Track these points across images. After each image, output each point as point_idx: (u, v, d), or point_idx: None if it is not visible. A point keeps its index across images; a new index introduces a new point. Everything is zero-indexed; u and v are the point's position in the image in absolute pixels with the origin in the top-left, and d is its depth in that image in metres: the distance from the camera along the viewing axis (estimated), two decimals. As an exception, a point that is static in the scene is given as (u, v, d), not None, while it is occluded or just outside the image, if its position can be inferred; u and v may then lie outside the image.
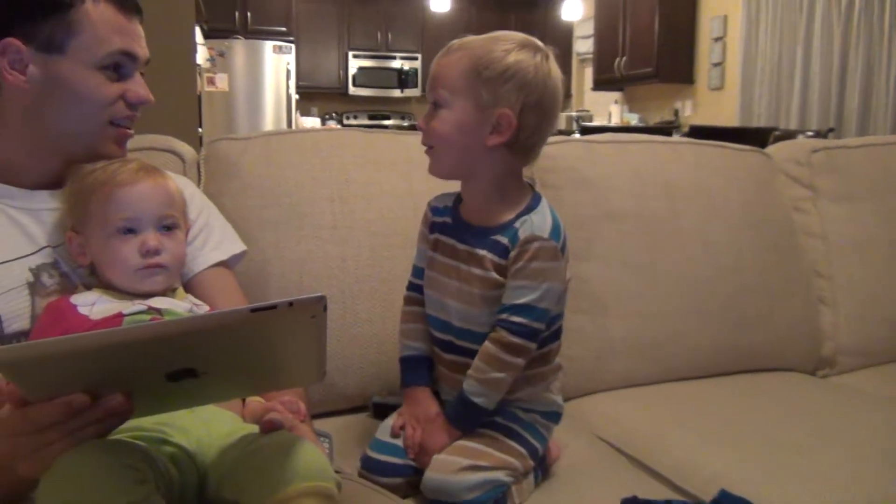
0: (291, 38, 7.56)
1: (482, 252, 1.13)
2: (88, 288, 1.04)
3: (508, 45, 1.09)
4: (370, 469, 1.15)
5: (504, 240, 1.12)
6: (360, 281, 1.44)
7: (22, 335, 1.00)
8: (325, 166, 1.50)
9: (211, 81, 6.91)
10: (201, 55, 6.31)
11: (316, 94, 8.24)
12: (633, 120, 6.74)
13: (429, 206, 1.25)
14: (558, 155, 1.68)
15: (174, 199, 1.06)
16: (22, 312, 1.01)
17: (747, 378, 1.67)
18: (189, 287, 1.16)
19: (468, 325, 1.15)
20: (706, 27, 6.15)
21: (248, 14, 7.55)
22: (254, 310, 0.66)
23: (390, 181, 1.51)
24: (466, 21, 8.45)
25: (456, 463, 1.07)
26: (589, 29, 7.32)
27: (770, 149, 1.98)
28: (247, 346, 0.74)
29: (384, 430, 1.20)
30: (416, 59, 8.47)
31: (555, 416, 1.21)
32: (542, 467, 1.21)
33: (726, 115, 5.81)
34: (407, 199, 1.49)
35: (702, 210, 1.71)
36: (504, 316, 1.10)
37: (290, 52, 7.32)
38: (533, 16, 8.58)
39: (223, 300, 1.19)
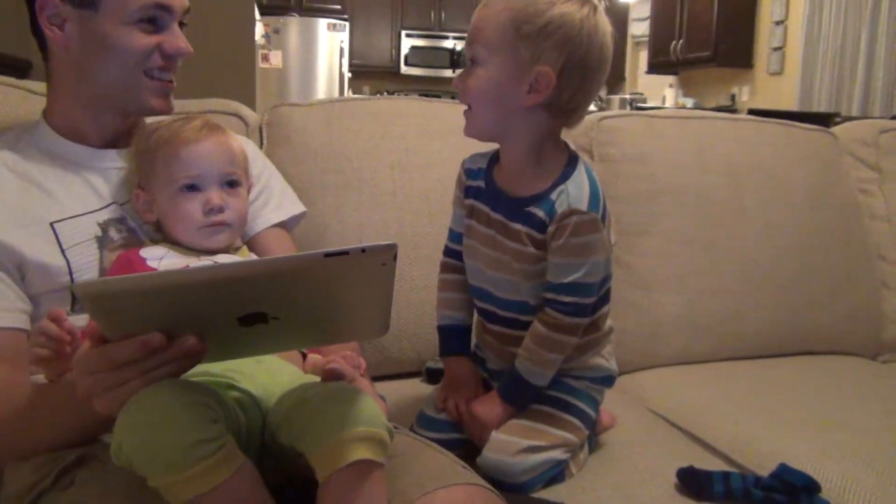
0: (346, 17, 7.57)
1: (517, 226, 1.08)
2: (155, 243, 1.06)
3: (567, 3, 1.01)
4: (427, 426, 1.15)
5: (540, 213, 1.06)
6: (416, 248, 1.45)
7: None
8: (385, 134, 1.51)
9: (265, 58, 6.96)
10: (257, 31, 6.37)
11: (368, 72, 8.26)
12: (688, 104, 6.62)
13: (462, 167, 1.19)
14: (618, 128, 1.66)
15: (237, 156, 1.07)
16: (91, 265, 1.04)
17: (806, 360, 1.65)
18: (250, 246, 1.18)
19: (510, 295, 1.12)
20: (767, 10, 6.00)
21: (304, -9, 7.59)
22: (327, 254, 0.67)
23: (448, 150, 1.51)
24: (520, 1, 8.39)
25: (515, 444, 1.06)
26: (645, 11, 7.20)
27: (836, 129, 1.93)
28: (318, 291, 0.74)
29: (429, 403, 1.20)
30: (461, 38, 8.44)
31: (607, 381, 1.18)
32: (595, 433, 1.20)
33: (785, 100, 5.67)
34: (466, 168, 1.49)
35: (764, 189, 1.68)
36: (551, 295, 1.06)
37: (343, 31, 7.34)
38: (588, -3, 8.45)
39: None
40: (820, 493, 1.00)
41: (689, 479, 1.02)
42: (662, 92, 7.11)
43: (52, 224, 1.03)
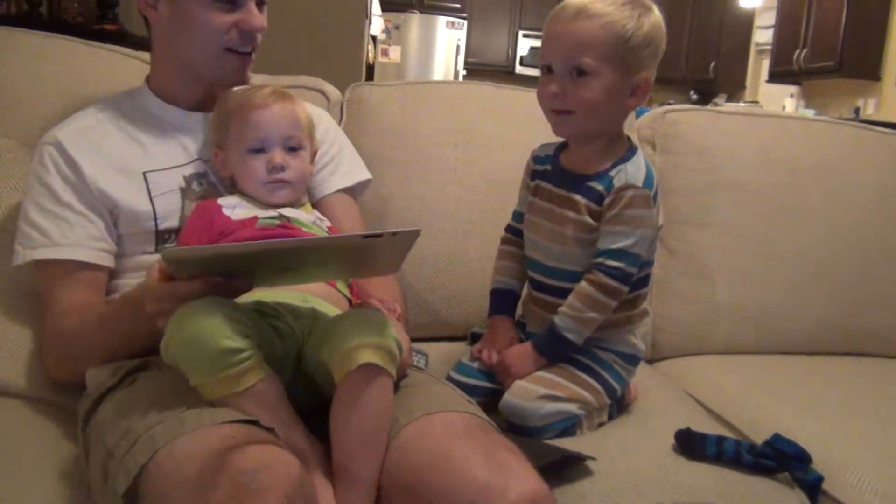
0: (465, 15, 7.74)
1: (577, 197, 1.20)
2: (231, 194, 1.22)
3: (638, 9, 1.15)
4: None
5: (599, 187, 1.18)
6: (472, 221, 1.56)
7: (172, 232, 1.20)
8: (453, 115, 1.63)
9: (385, 52, 7.22)
10: (377, 26, 6.62)
11: (483, 71, 8.39)
12: (809, 115, 6.40)
13: (532, 155, 1.33)
14: (683, 121, 1.71)
15: (300, 122, 1.20)
16: (174, 212, 1.21)
17: (858, 360, 1.65)
18: (318, 206, 1.32)
19: (560, 264, 1.23)
20: (899, 20, 5.74)
21: (426, -11, 7.81)
22: (364, 236, 0.84)
23: (510, 133, 1.61)
24: (641, 5, 8.30)
25: (534, 391, 1.15)
26: (770, 19, 7.00)
27: (917, 135, 1.90)
28: (352, 256, 0.94)
29: (468, 355, 1.31)
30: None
31: (633, 360, 1.26)
32: (619, 405, 1.28)
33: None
34: (525, 151, 1.58)
35: (828, 188, 1.69)
36: (600, 260, 1.17)
37: (461, 29, 7.51)
38: (713, 2, 8.28)
39: (345, 222, 1.34)
40: (811, 465, 1.05)
41: (685, 440, 1.08)
42: (783, 102, 6.89)
43: (144, 173, 1.20)
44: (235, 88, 1.29)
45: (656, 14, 1.17)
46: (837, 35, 5.90)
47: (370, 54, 6.18)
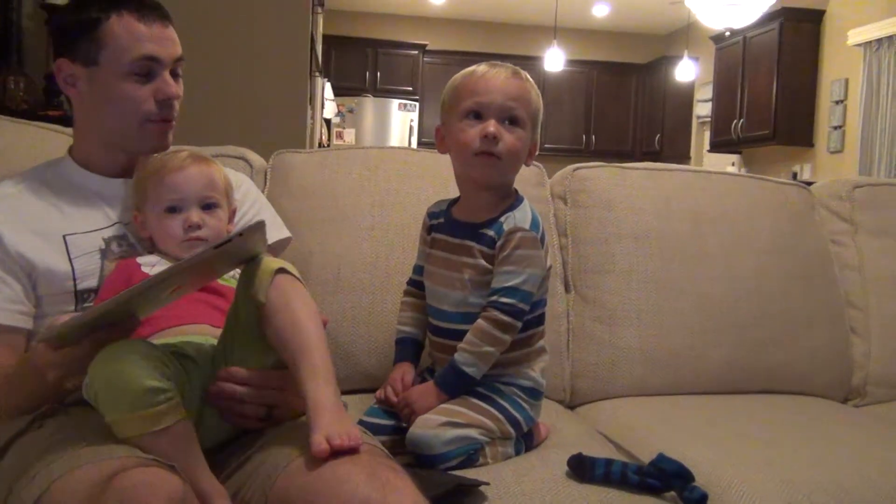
0: (416, 97, 8.00)
1: (471, 243, 1.31)
2: (150, 253, 1.29)
3: None
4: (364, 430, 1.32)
5: (491, 232, 1.29)
6: (389, 276, 1.63)
7: (91, 291, 1.25)
8: (371, 177, 1.72)
9: (339, 136, 7.42)
10: (330, 110, 6.83)
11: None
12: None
13: (427, 213, 1.44)
14: (591, 177, 1.82)
15: (216, 182, 1.28)
16: (93, 272, 1.26)
17: (766, 397, 1.72)
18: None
19: (459, 308, 1.31)
20: (826, 90, 6.06)
21: (378, 74, 8.07)
22: (216, 246, 0.92)
23: (426, 191, 1.71)
24: (586, 83, 8.66)
25: (435, 420, 1.22)
26: (709, 92, 7.34)
27: (814, 186, 2.03)
28: (219, 261, 0.99)
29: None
30: (536, 119, 8.74)
31: (534, 393, 1.32)
32: (529, 443, 1.33)
33: (845, 177, 5.65)
34: (439, 208, 1.68)
35: (727, 235, 1.80)
36: (494, 298, 1.26)
37: (414, 110, 7.76)
38: (654, 80, 8.67)
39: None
40: (694, 483, 1.11)
41: (577, 464, 1.14)
42: (725, 169, 7.15)
43: (64, 236, 1.26)
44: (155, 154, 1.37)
45: None
46: (770, 106, 6.22)
47: (324, 137, 6.35)
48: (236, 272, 1.11)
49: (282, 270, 1.04)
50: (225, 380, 1.06)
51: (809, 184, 2.05)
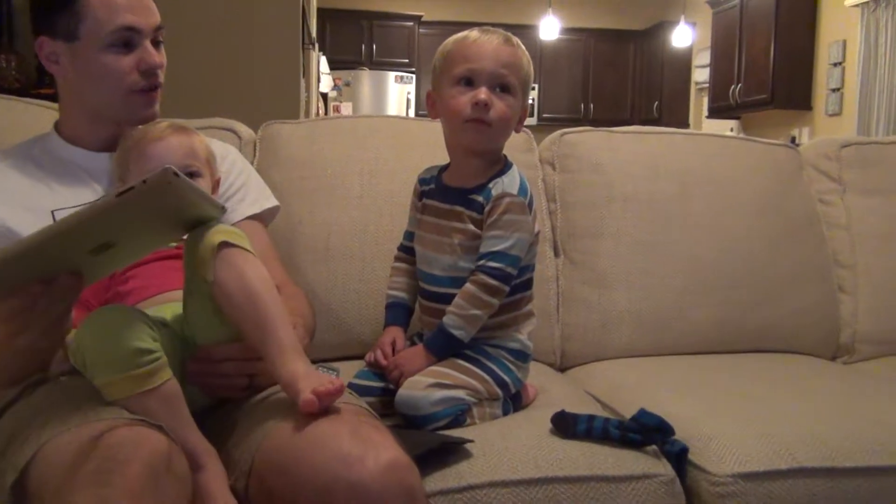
0: (413, 69, 7.97)
1: (460, 208, 1.32)
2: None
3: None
4: (353, 391, 1.34)
5: (479, 198, 1.30)
6: (378, 243, 1.65)
7: None
8: (359, 146, 1.73)
9: (336, 109, 7.40)
10: (326, 84, 6.80)
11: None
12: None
13: (418, 179, 1.45)
14: (579, 142, 1.83)
15: (196, 152, 1.28)
16: None
17: (755, 356, 1.74)
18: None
19: (449, 273, 1.33)
20: (824, 53, 6.02)
21: (374, 46, 8.03)
22: (118, 194, 0.88)
23: (415, 159, 1.70)
24: (583, 51, 8.60)
25: (423, 381, 1.24)
26: (706, 58, 7.30)
27: (802, 146, 2.04)
28: (136, 217, 0.95)
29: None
30: (533, 89, 8.71)
31: (522, 356, 1.35)
32: (517, 405, 1.36)
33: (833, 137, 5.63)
34: (426, 175, 1.69)
35: (715, 196, 1.80)
36: (482, 262, 1.28)
37: (410, 83, 7.72)
38: (651, 46, 8.61)
39: (255, 248, 1.41)
40: (675, 437, 1.13)
41: (559, 421, 1.16)
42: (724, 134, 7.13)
43: (52, 212, 1.27)
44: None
45: None
46: (768, 70, 6.19)
47: (321, 111, 6.33)
48: None
49: (225, 244, 1.00)
50: (204, 359, 1.07)
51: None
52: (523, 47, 1.33)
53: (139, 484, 0.78)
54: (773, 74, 6.14)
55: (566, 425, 1.15)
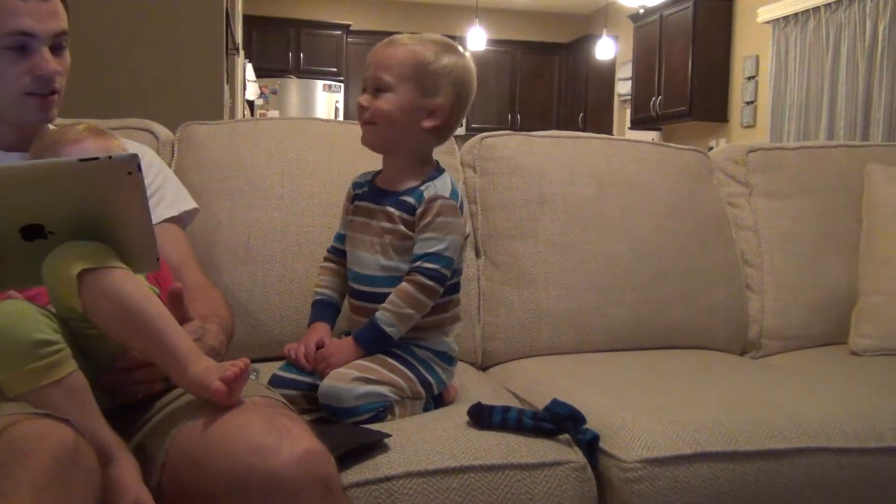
0: (341, 78, 7.95)
1: (391, 209, 1.34)
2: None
3: (444, 48, 1.35)
4: (276, 385, 1.33)
5: (411, 199, 1.33)
6: (299, 244, 1.65)
7: None
8: (280, 148, 1.73)
9: (263, 117, 7.32)
10: (253, 92, 6.73)
11: (365, 131, 8.58)
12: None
13: (352, 183, 1.46)
14: (498, 145, 1.87)
15: None
16: None
17: (668, 352, 1.81)
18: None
19: (378, 272, 1.35)
20: (739, 67, 6.27)
21: (301, 55, 7.98)
22: (81, 160, 0.85)
23: (334, 162, 1.73)
24: (510, 63, 8.74)
25: (349, 374, 1.25)
26: (629, 71, 7.50)
27: (712, 151, 2.13)
28: (81, 200, 0.92)
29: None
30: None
31: (448, 359, 1.37)
32: (439, 405, 1.38)
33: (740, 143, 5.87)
34: (347, 178, 1.69)
35: (629, 199, 1.87)
36: (418, 263, 1.30)
37: (339, 91, 7.70)
38: (576, 59, 8.81)
39: (172, 251, 1.41)
40: (586, 426, 1.17)
41: (475, 414, 1.19)
42: (645, 146, 7.34)
43: None
44: (51, 126, 1.35)
45: (465, 59, 1.37)
46: (686, 83, 6.41)
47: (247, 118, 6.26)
48: None
49: (84, 272, 0.93)
50: (124, 368, 1.05)
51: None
52: (415, 43, 1.34)
53: (44, 476, 0.77)
54: (691, 87, 6.36)
55: (482, 417, 1.18)
